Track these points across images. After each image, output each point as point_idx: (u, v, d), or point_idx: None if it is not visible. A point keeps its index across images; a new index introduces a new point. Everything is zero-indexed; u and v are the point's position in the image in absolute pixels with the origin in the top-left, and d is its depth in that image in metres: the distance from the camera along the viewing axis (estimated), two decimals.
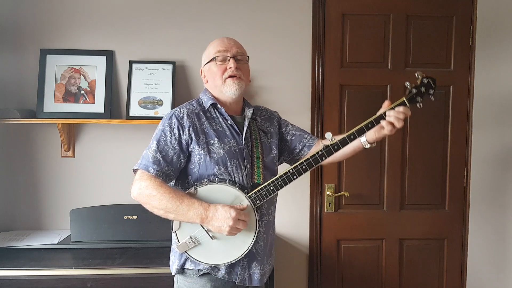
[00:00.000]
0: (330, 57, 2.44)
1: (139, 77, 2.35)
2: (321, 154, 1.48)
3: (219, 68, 1.54)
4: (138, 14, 2.38)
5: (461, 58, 2.49)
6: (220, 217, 1.39)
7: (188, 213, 1.39)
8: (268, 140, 1.64)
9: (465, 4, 2.48)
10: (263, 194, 1.47)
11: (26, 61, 2.34)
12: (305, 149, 1.70)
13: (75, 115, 2.29)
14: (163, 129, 1.50)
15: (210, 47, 1.61)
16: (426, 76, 1.50)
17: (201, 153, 1.48)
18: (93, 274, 1.93)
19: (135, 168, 1.48)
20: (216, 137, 1.51)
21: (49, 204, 2.39)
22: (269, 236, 1.62)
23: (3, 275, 1.91)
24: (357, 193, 2.50)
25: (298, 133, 1.73)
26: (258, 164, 1.55)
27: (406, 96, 1.49)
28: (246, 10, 2.40)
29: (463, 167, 2.53)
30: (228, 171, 1.49)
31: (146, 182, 1.42)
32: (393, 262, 2.53)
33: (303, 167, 1.47)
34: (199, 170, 1.49)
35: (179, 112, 1.53)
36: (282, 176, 1.47)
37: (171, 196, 1.39)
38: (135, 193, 1.44)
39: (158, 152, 1.46)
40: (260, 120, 1.68)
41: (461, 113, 2.51)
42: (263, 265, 1.57)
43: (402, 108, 1.45)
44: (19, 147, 2.37)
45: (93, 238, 2.16)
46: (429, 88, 1.51)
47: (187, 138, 1.49)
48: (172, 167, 1.47)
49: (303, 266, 2.51)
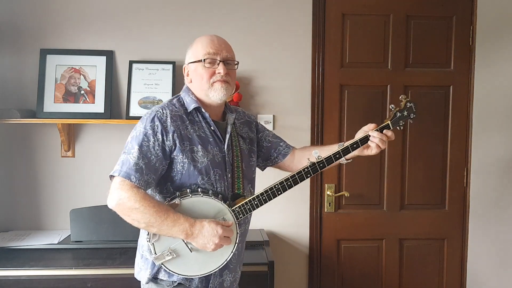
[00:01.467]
0: (330, 57, 2.44)
1: (139, 77, 2.35)
2: (307, 172, 1.47)
3: (207, 71, 1.45)
4: (138, 14, 2.38)
5: (461, 58, 2.49)
6: (206, 234, 1.33)
7: (173, 229, 1.32)
8: (247, 146, 1.59)
9: (465, 4, 2.48)
10: (247, 208, 1.43)
11: (26, 61, 2.34)
12: (280, 157, 1.67)
13: (75, 115, 2.29)
14: (145, 132, 1.39)
15: (197, 45, 1.49)
16: (409, 101, 1.56)
17: (185, 161, 1.40)
18: (93, 274, 1.93)
19: (113, 174, 1.36)
20: (199, 144, 1.43)
21: (49, 204, 2.39)
22: (243, 244, 1.59)
23: (3, 275, 1.91)
24: (357, 193, 2.49)
25: (274, 140, 1.69)
26: (239, 173, 1.50)
27: (390, 119, 1.53)
28: (246, 10, 2.40)
29: (463, 167, 2.53)
30: (211, 180, 1.43)
31: (127, 193, 1.31)
32: (393, 262, 2.53)
33: (288, 183, 1.46)
34: (181, 179, 1.42)
35: (161, 114, 1.42)
36: (268, 191, 1.44)
37: (156, 210, 1.30)
38: (114, 203, 1.33)
39: (140, 158, 1.35)
40: (239, 124, 1.61)
41: (461, 113, 2.51)
42: (235, 272, 1.54)
43: (389, 132, 1.51)
44: (19, 147, 2.37)
45: (93, 238, 2.16)
46: (411, 113, 1.56)
47: (170, 144, 1.39)
48: (153, 175, 1.37)
49: (303, 266, 2.51)
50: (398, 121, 1.53)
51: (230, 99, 2.28)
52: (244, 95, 2.38)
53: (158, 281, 1.46)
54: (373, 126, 1.50)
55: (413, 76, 2.48)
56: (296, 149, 1.68)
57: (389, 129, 1.51)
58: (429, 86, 2.50)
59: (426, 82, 2.49)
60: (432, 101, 2.50)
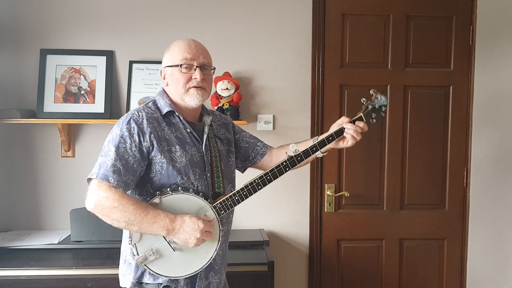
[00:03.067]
0: (330, 57, 2.44)
1: (139, 77, 2.35)
2: (285, 165, 1.48)
3: (183, 76, 1.46)
4: (138, 14, 2.38)
5: (461, 58, 2.49)
6: (187, 229, 1.33)
7: (153, 226, 1.32)
8: (224, 147, 1.60)
9: (465, 4, 2.48)
10: (228, 204, 1.44)
11: (26, 61, 2.34)
12: (258, 156, 1.68)
13: (75, 115, 2.29)
14: (121, 134, 1.40)
15: (174, 50, 1.51)
16: (379, 93, 1.58)
17: (163, 161, 1.41)
18: (93, 274, 1.93)
19: (91, 177, 1.37)
20: (178, 145, 1.44)
21: (49, 204, 2.39)
22: (226, 245, 1.59)
23: (3, 275, 1.92)
24: (357, 193, 2.50)
25: (252, 140, 1.71)
26: (218, 172, 1.51)
27: (363, 111, 1.55)
28: (246, 10, 2.40)
29: (463, 167, 2.53)
30: (190, 180, 1.43)
31: (106, 193, 1.32)
32: (393, 262, 2.53)
33: (267, 178, 1.47)
34: (161, 179, 1.42)
35: (137, 116, 1.43)
36: (248, 186, 1.45)
37: (135, 207, 1.31)
38: (92, 205, 1.34)
39: (117, 160, 1.35)
40: (216, 126, 1.63)
41: (461, 113, 2.51)
42: (220, 274, 1.54)
43: (362, 123, 1.53)
44: (19, 147, 2.37)
45: (93, 238, 2.16)
46: (382, 105, 1.58)
47: (148, 145, 1.40)
48: (131, 176, 1.38)
49: (303, 266, 2.51)
50: (370, 113, 1.56)
51: (230, 99, 2.29)
52: (244, 95, 2.38)
53: (143, 286, 1.44)
54: (347, 119, 1.54)
55: (413, 76, 2.48)
56: (273, 148, 1.70)
57: (362, 121, 1.54)
58: (429, 86, 2.50)
59: (426, 82, 2.49)
60: (432, 101, 2.50)
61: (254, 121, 2.42)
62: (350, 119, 1.53)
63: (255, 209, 2.41)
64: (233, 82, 2.29)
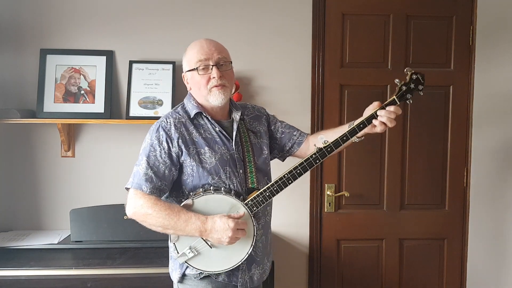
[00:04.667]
0: (330, 57, 2.44)
1: (139, 77, 2.35)
2: (315, 158, 1.48)
3: (203, 78, 1.49)
4: (138, 14, 2.38)
5: (461, 58, 2.49)
6: (219, 229, 1.39)
7: (187, 228, 1.40)
8: (258, 140, 1.62)
9: (465, 4, 2.48)
10: (259, 200, 1.46)
11: (26, 61, 2.34)
12: (295, 146, 1.69)
13: (75, 115, 2.29)
14: (151, 143, 1.47)
15: (189, 53, 1.53)
16: (415, 72, 1.52)
17: (193, 164, 1.46)
18: (93, 274, 1.93)
19: (127, 187, 1.46)
20: (206, 146, 1.48)
21: (49, 204, 2.39)
22: (268, 236, 1.62)
23: (3, 275, 1.91)
24: (357, 193, 2.49)
25: (288, 130, 1.71)
26: (251, 168, 1.53)
27: (396, 94, 1.50)
28: (246, 10, 2.40)
29: (463, 167, 2.53)
30: (222, 179, 1.48)
31: (141, 201, 1.41)
32: (393, 262, 2.53)
33: (297, 171, 1.47)
34: (193, 181, 1.48)
35: (165, 123, 1.49)
36: (278, 182, 1.46)
37: (167, 213, 1.39)
38: (131, 213, 1.44)
39: (149, 168, 1.44)
40: (248, 119, 1.65)
41: (461, 113, 2.50)
42: (262, 264, 1.58)
43: (393, 107, 1.47)
44: (19, 147, 2.37)
45: (93, 238, 2.16)
46: (418, 84, 1.53)
47: (177, 150, 1.46)
48: (165, 182, 1.46)
49: (303, 266, 2.51)
50: (405, 94, 1.49)
51: None
52: (244, 95, 2.38)
53: (185, 276, 1.52)
54: (378, 103, 1.49)
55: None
56: (310, 136, 1.70)
57: (395, 104, 1.48)
58: (429, 86, 2.47)
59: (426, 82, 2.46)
60: (432, 101, 2.49)
61: None
62: (381, 104, 1.48)
63: None
64: None
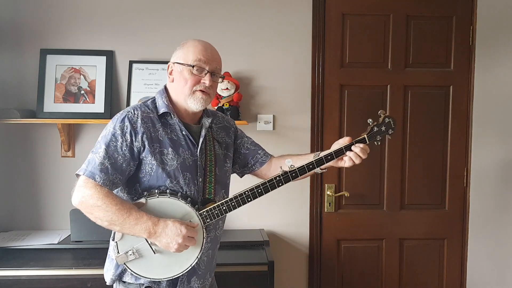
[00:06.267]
0: (330, 57, 2.44)
1: (139, 77, 2.35)
2: (278, 180, 1.45)
3: (193, 77, 1.44)
4: (138, 14, 2.38)
5: (461, 58, 2.49)
6: (169, 234, 1.32)
7: (135, 227, 1.32)
8: (222, 151, 1.57)
9: (465, 4, 2.48)
10: (214, 213, 1.41)
11: (26, 61, 2.34)
12: (257, 164, 1.65)
13: (75, 115, 2.29)
14: (113, 132, 1.39)
15: (189, 48, 1.47)
16: (388, 116, 1.54)
17: (154, 163, 1.39)
18: (93, 274, 1.93)
19: (79, 173, 1.37)
20: (170, 147, 1.42)
21: (49, 204, 2.39)
22: (214, 251, 1.57)
23: (3, 275, 1.92)
24: (357, 193, 2.49)
25: (253, 147, 1.67)
26: (211, 178, 1.49)
27: (367, 133, 1.51)
28: (247, 10, 2.40)
29: (463, 167, 2.53)
30: (180, 184, 1.42)
31: (90, 191, 1.32)
32: (393, 262, 2.53)
33: (259, 191, 1.44)
34: (149, 181, 1.41)
35: (132, 114, 1.41)
36: (237, 198, 1.42)
37: (118, 208, 1.31)
38: (77, 201, 1.35)
39: (106, 158, 1.36)
40: (216, 128, 1.60)
41: (461, 113, 2.50)
42: (204, 279, 1.52)
43: (362, 145, 1.48)
44: (19, 147, 2.37)
45: (93, 238, 2.15)
46: (389, 128, 1.54)
47: (139, 145, 1.39)
48: (120, 175, 1.37)
49: (303, 266, 2.51)
50: (375, 135, 1.52)
51: (230, 99, 2.29)
52: (244, 95, 2.38)
53: (125, 284, 1.44)
54: (348, 139, 1.50)
55: (413, 76, 2.48)
56: (274, 157, 1.67)
57: (364, 142, 1.49)
58: (429, 86, 2.50)
59: (426, 82, 2.49)
60: (432, 101, 2.50)
61: (254, 121, 2.42)
62: (352, 140, 1.49)
63: (255, 209, 2.41)
64: (233, 82, 2.29)
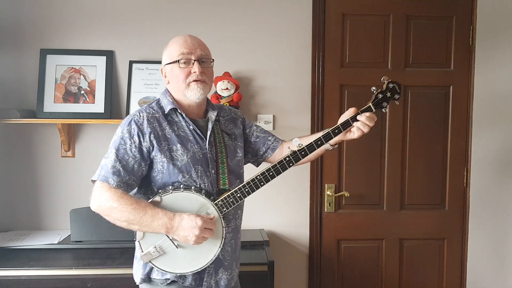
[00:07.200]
0: (330, 57, 2.44)
1: (139, 77, 2.35)
2: (288, 160, 1.46)
3: (183, 71, 1.46)
4: (138, 14, 2.38)
5: (461, 58, 2.49)
6: (186, 227, 1.34)
7: (152, 224, 1.35)
8: (232, 142, 1.59)
9: (465, 4, 2.48)
10: (230, 201, 1.43)
11: (26, 61, 2.34)
12: (269, 151, 1.66)
13: (75, 115, 2.29)
14: (122, 136, 1.43)
15: (172, 46, 1.50)
16: (392, 81, 1.53)
17: (164, 160, 1.42)
18: (93, 274, 1.94)
19: (94, 179, 1.42)
20: (179, 143, 1.45)
21: (49, 204, 2.39)
22: (237, 241, 1.58)
23: (3, 275, 1.92)
24: (357, 193, 2.50)
25: (262, 134, 1.68)
26: (223, 168, 1.50)
27: (372, 101, 1.50)
28: (246, 11, 2.40)
29: (463, 167, 2.53)
30: (192, 178, 1.44)
31: (106, 194, 1.36)
32: (393, 262, 2.53)
33: (270, 174, 1.44)
34: (163, 178, 1.44)
35: (138, 117, 1.45)
36: (250, 183, 1.43)
37: (133, 207, 1.34)
38: (95, 206, 1.39)
39: (117, 161, 1.39)
40: (224, 121, 1.62)
41: (461, 113, 2.51)
42: (231, 270, 1.53)
43: (368, 113, 1.48)
44: (19, 147, 2.37)
45: (93, 238, 2.16)
46: (395, 93, 1.53)
47: (148, 145, 1.42)
48: (133, 176, 1.41)
49: (303, 266, 2.51)
50: (381, 102, 1.51)
51: (230, 99, 2.29)
52: (244, 95, 2.38)
53: (151, 280, 1.47)
54: (353, 110, 1.50)
55: (413, 76, 2.48)
56: (285, 142, 1.68)
57: (371, 111, 1.49)
58: (429, 86, 2.50)
59: (426, 82, 2.49)
60: (432, 101, 2.50)
61: (254, 121, 2.42)
62: (357, 110, 1.49)
63: (255, 209, 2.41)
64: (233, 82, 2.30)
